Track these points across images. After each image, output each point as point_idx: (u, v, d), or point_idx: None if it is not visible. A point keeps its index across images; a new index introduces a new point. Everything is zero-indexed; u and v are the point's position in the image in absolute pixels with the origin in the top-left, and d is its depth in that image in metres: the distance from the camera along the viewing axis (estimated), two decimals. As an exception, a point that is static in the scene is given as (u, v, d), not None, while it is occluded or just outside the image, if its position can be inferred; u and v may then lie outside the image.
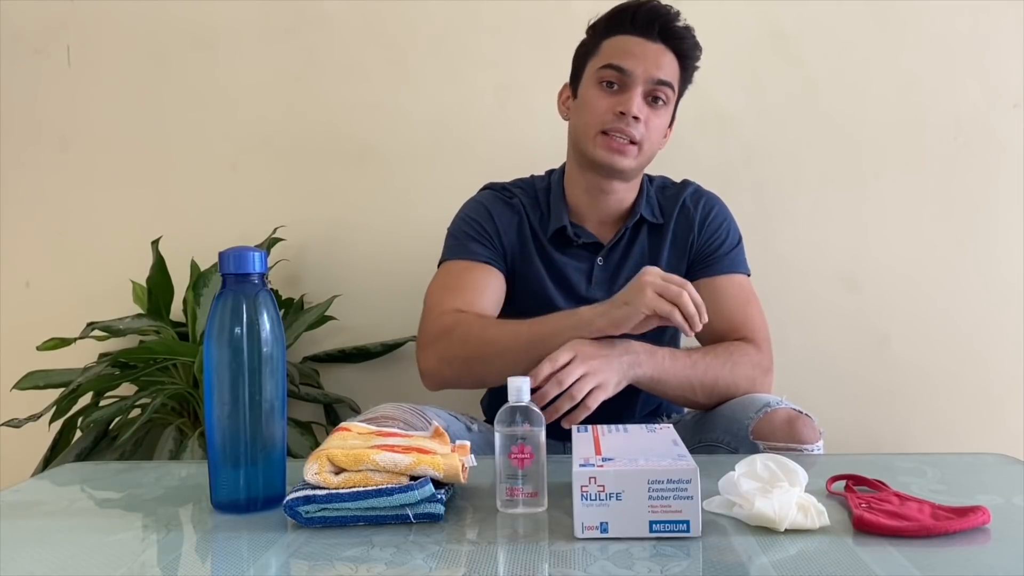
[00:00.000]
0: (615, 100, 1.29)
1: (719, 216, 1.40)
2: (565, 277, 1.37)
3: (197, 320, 1.67)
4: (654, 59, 1.29)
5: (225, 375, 0.89)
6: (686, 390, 1.23)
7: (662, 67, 1.30)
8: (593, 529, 0.78)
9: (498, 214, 1.38)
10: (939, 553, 0.74)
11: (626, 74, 1.29)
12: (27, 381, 1.69)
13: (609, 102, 1.29)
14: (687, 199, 1.40)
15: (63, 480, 1.12)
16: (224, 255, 0.90)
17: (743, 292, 1.35)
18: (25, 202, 1.90)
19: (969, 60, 1.76)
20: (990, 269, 1.77)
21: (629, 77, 1.29)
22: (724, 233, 1.38)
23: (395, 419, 1.15)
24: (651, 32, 1.30)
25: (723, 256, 1.37)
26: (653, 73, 1.29)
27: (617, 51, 1.30)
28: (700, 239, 1.38)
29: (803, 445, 1.11)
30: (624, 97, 1.29)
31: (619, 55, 1.30)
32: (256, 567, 0.76)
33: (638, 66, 1.28)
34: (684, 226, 1.38)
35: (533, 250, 1.38)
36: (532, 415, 0.88)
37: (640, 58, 1.29)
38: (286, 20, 1.85)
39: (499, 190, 1.43)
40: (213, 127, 1.87)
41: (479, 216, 1.39)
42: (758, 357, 1.28)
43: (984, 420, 1.77)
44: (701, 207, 1.39)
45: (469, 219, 1.39)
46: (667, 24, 1.30)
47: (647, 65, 1.29)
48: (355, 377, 1.84)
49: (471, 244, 1.36)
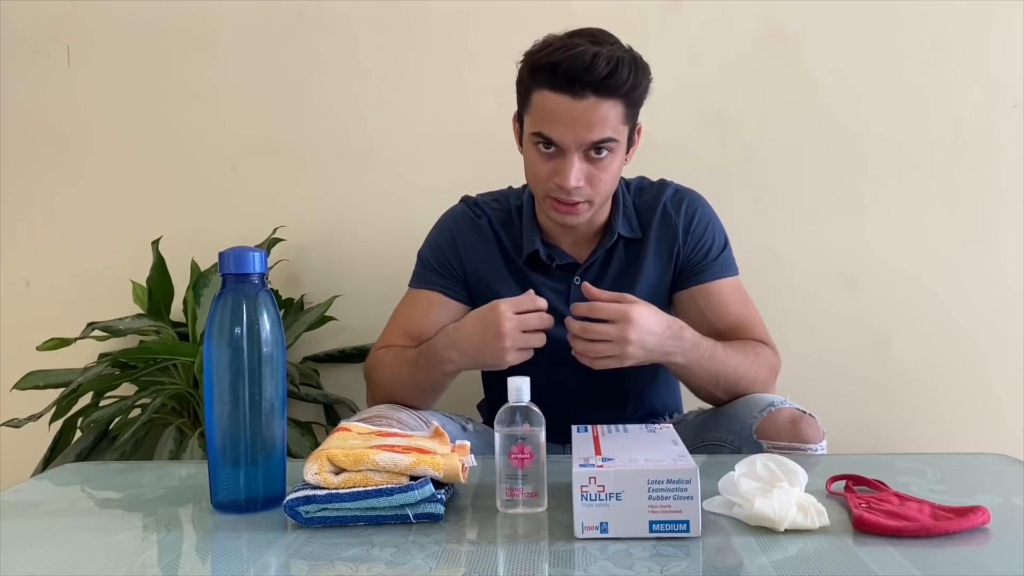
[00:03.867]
0: (552, 167, 1.21)
1: (703, 220, 1.33)
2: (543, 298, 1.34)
3: (197, 320, 1.67)
4: (585, 122, 1.16)
5: (225, 375, 0.89)
6: (710, 383, 1.23)
7: (595, 126, 1.16)
8: (593, 529, 0.78)
9: (463, 237, 1.36)
10: (939, 553, 0.74)
11: (556, 144, 1.19)
12: (27, 381, 1.69)
13: (547, 168, 1.21)
14: (667, 204, 1.33)
15: (63, 480, 1.12)
16: (224, 255, 0.91)
17: (739, 294, 1.34)
18: (25, 202, 1.90)
19: (969, 60, 1.76)
20: (990, 269, 1.77)
21: (560, 145, 1.18)
22: (711, 238, 1.33)
23: (391, 419, 1.15)
24: (575, 90, 1.15)
25: (712, 262, 1.32)
26: (585, 138, 1.17)
27: (544, 116, 1.18)
28: (686, 247, 1.32)
29: (807, 445, 1.12)
30: (560, 166, 1.19)
31: (547, 122, 1.18)
32: (256, 567, 0.76)
33: (567, 134, 1.17)
34: (667, 235, 1.32)
35: (506, 272, 1.34)
36: (532, 415, 0.88)
37: (569, 125, 1.16)
38: (286, 20, 1.85)
39: (471, 206, 1.39)
40: (213, 127, 1.87)
41: (443, 241, 1.37)
42: (774, 359, 1.29)
43: (984, 420, 1.77)
44: (684, 212, 1.33)
45: (433, 244, 1.38)
46: (592, 79, 1.14)
47: (577, 132, 1.17)
48: (355, 377, 1.84)
49: (430, 273, 1.36)
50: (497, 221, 1.37)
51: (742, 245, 1.42)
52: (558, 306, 1.25)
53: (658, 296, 1.33)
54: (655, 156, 1.70)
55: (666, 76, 1.74)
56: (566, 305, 1.25)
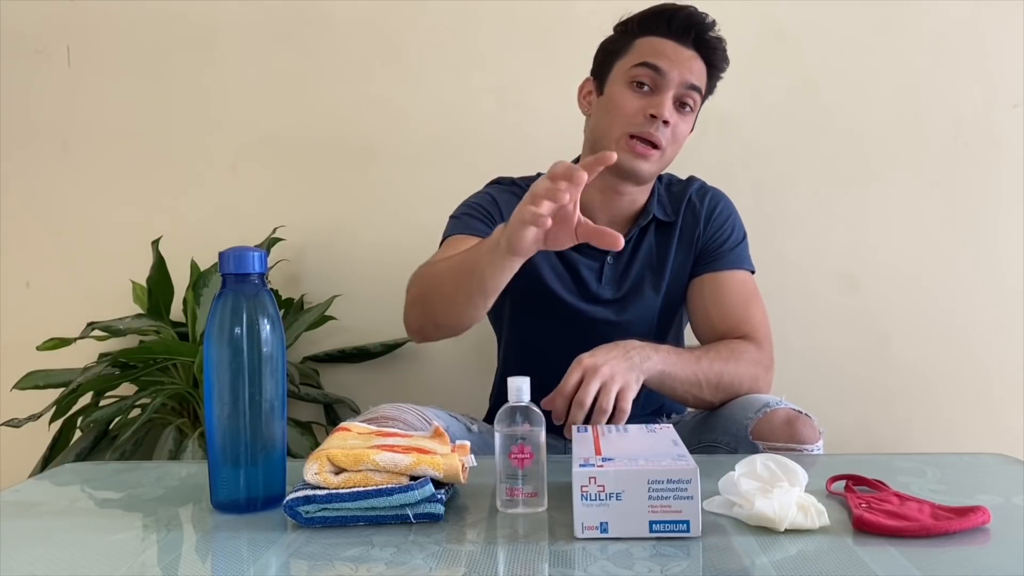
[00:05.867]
0: (646, 102, 1.28)
1: (724, 211, 1.40)
2: (576, 273, 1.36)
3: (197, 320, 1.67)
4: (687, 64, 1.29)
5: (225, 375, 0.89)
6: (693, 386, 1.21)
7: (694, 72, 1.30)
8: (593, 529, 0.78)
9: (504, 203, 1.36)
10: (939, 553, 0.74)
11: (661, 74, 1.28)
12: (27, 381, 1.69)
13: (640, 104, 1.28)
14: (693, 195, 1.40)
15: (63, 480, 1.12)
16: (224, 255, 0.90)
17: (746, 289, 1.35)
18: (25, 202, 1.90)
19: (969, 60, 1.76)
20: (990, 269, 1.77)
21: (663, 78, 1.28)
22: (729, 228, 1.38)
23: (394, 419, 1.15)
24: (686, 38, 1.29)
25: (727, 252, 1.36)
26: (687, 77, 1.29)
27: (652, 51, 1.29)
28: (706, 234, 1.37)
29: (803, 445, 1.11)
30: (656, 100, 1.28)
31: (655, 55, 1.29)
32: (256, 567, 0.76)
33: (673, 68, 1.28)
34: (691, 222, 1.38)
35: None
36: (532, 415, 0.87)
37: (675, 61, 1.28)
38: (286, 20, 1.85)
39: (507, 184, 1.42)
40: (213, 127, 1.87)
41: (484, 202, 1.37)
42: (758, 355, 1.27)
43: (984, 420, 1.77)
44: (707, 202, 1.39)
45: (473, 204, 1.38)
46: (703, 32, 1.30)
47: (681, 69, 1.28)
48: (355, 377, 1.84)
49: (473, 222, 1.34)
50: None
51: (742, 245, 1.43)
52: (591, 283, 1.35)
53: (680, 283, 1.38)
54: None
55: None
56: (598, 282, 1.36)
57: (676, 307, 1.40)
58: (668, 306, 1.38)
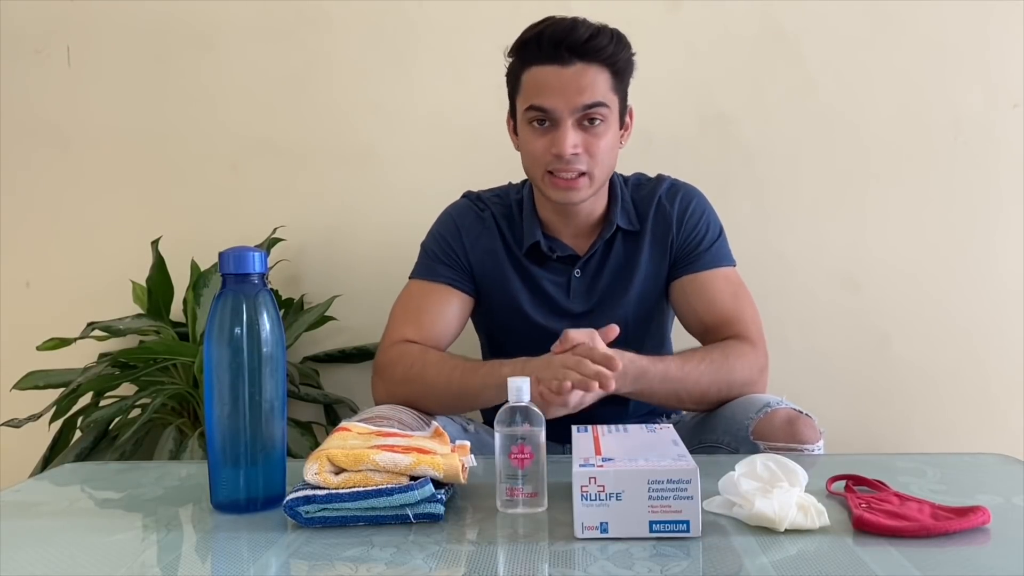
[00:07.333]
0: (548, 140, 1.24)
1: (697, 210, 1.36)
2: (542, 290, 1.36)
3: (197, 320, 1.67)
4: (575, 86, 1.21)
5: (225, 375, 0.89)
6: (671, 400, 1.24)
7: (585, 90, 1.21)
8: (593, 529, 0.78)
9: (467, 230, 1.37)
10: (939, 553, 0.74)
11: (549, 112, 1.23)
12: (27, 381, 1.69)
13: (543, 143, 1.25)
14: (663, 196, 1.36)
15: (63, 480, 1.12)
16: (224, 255, 0.90)
17: (731, 285, 1.34)
18: (25, 202, 1.90)
19: (969, 60, 1.76)
20: (990, 269, 1.76)
21: (554, 114, 1.23)
22: (704, 227, 1.35)
23: (391, 419, 1.15)
24: (563, 56, 1.21)
25: (705, 251, 1.34)
26: (577, 102, 1.21)
27: (535, 88, 1.23)
28: (680, 236, 1.34)
29: (803, 445, 1.11)
30: (556, 136, 1.23)
31: (538, 93, 1.23)
32: (256, 567, 0.76)
33: (558, 102, 1.22)
34: (662, 226, 1.35)
35: (508, 265, 1.36)
36: (532, 415, 0.88)
37: (560, 91, 1.21)
38: (286, 20, 1.85)
39: (474, 200, 1.41)
40: (213, 127, 1.87)
41: (448, 233, 1.38)
42: (754, 356, 1.27)
43: (984, 420, 1.77)
44: (678, 203, 1.35)
45: (439, 236, 1.39)
46: (575, 42, 1.20)
47: (568, 97, 1.21)
48: (355, 377, 1.84)
49: (437, 265, 1.36)
50: (499, 215, 1.39)
51: (742, 245, 1.43)
52: (558, 298, 1.35)
53: (654, 289, 1.36)
54: (655, 156, 1.70)
55: (666, 76, 1.76)
56: (566, 297, 1.35)
57: (651, 313, 1.38)
58: (643, 313, 1.37)
